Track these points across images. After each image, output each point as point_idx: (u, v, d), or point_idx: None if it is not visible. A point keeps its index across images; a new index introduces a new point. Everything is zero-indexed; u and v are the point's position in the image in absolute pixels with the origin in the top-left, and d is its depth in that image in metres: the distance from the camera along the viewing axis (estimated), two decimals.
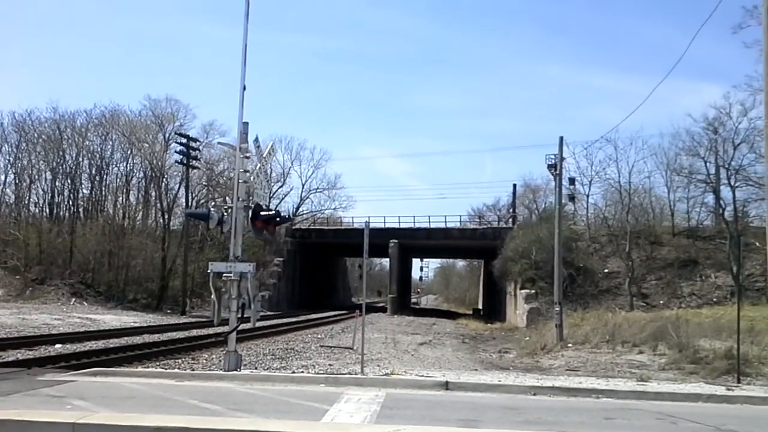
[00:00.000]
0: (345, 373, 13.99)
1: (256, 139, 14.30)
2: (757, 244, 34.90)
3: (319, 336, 28.96)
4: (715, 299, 39.22)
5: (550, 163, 27.95)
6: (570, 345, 23.28)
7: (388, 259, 64.42)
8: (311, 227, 69.44)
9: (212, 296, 13.77)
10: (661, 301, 39.89)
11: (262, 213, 14.22)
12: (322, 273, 72.56)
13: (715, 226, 47.22)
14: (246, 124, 13.97)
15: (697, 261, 43.51)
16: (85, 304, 42.67)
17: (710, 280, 41.78)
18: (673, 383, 13.38)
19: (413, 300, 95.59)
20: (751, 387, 12.82)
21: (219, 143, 43.70)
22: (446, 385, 11.81)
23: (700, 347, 18.83)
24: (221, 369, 13.73)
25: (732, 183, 42.09)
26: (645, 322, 24.67)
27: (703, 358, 17.54)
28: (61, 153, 55.32)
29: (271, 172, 69.58)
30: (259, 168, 14.45)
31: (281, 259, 60.45)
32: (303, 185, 75.16)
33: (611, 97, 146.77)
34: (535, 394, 11.38)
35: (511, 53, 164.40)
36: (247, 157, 14.07)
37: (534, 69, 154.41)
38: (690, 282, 42.03)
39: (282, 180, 72.14)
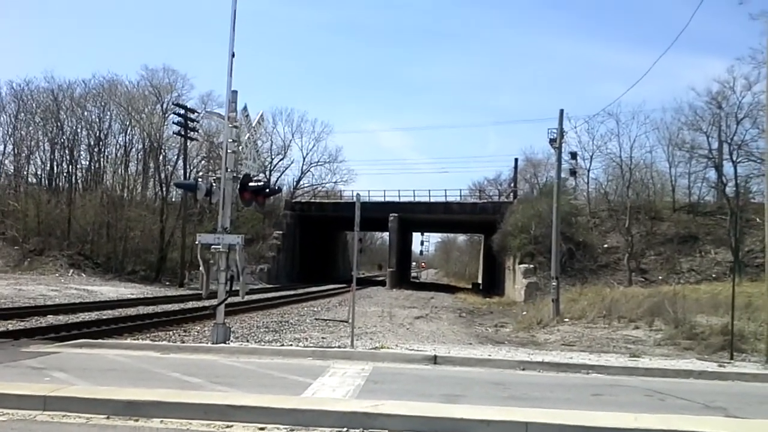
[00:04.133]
0: (334, 347, 13.84)
1: (245, 108, 14.05)
2: (758, 219, 34.68)
3: (315, 309, 28.86)
4: (714, 275, 38.96)
5: (551, 137, 27.85)
6: (567, 320, 23.15)
7: (388, 233, 64.20)
8: (311, 200, 69.08)
9: (200, 268, 13.59)
10: (660, 277, 39.68)
11: (250, 184, 13.97)
12: (322, 246, 72.42)
13: (716, 201, 46.84)
14: (235, 92, 13.65)
15: (697, 237, 43.20)
16: (83, 275, 42.61)
17: (710, 255, 41.51)
18: (666, 359, 13.23)
19: (413, 274, 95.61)
20: (743, 363, 12.66)
21: (207, 112, 43.00)
22: (435, 360, 11.66)
23: (697, 323, 18.69)
24: (210, 341, 13.61)
25: (734, 158, 41.66)
26: (642, 298, 24.53)
27: (699, 334, 17.41)
28: (59, 124, 55.00)
29: (271, 144, 69.25)
30: (249, 138, 14.19)
31: (281, 232, 60.34)
32: (304, 158, 74.70)
33: (615, 72, 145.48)
34: (524, 369, 11.23)
35: (511, 26, 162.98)
36: (237, 127, 13.78)
37: (535, 43, 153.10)
38: (689, 258, 41.77)
39: (283, 153, 71.70)
